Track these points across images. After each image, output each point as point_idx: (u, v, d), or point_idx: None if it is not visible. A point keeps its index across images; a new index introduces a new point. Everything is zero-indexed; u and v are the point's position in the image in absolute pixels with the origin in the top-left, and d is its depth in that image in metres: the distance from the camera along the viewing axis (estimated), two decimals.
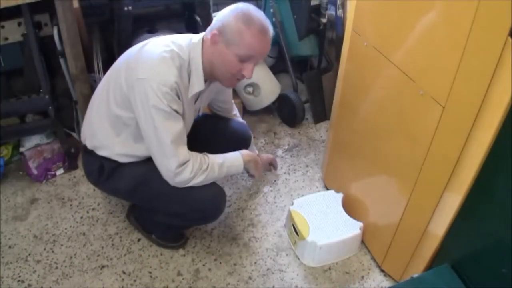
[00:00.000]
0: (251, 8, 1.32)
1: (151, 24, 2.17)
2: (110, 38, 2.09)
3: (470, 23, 1.00)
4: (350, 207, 1.73)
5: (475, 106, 1.06)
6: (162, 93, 1.26)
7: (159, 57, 1.29)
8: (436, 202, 1.27)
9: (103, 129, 1.44)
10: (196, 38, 1.38)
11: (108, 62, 1.99)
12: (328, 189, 1.90)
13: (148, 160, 1.43)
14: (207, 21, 2.00)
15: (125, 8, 1.79)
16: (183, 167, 1.35)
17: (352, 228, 1.65)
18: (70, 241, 1.70)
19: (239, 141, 1.75)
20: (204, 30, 1.41)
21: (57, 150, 1.96)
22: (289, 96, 2.22)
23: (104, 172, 1.47)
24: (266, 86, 2.23)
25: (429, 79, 1.19)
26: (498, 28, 0.95)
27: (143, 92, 1.27)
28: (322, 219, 1.67)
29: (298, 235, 1.65)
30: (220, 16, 1.33)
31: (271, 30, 1.34)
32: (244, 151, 1.56)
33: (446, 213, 1.25)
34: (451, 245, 1.29)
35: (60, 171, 1.97)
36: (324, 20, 2.07)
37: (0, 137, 1.83)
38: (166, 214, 1.53)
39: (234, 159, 1.51)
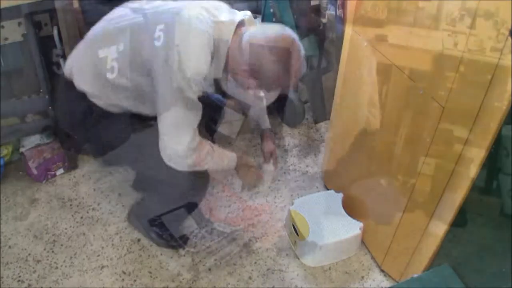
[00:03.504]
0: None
1: None
2: None
3: (470, 23, 1.00)
4: (350, 207, 1.72)
5: (475, 106, 1.06)
6: (195, 82, 1.23)
7: (200, 44, 1.23)
8: (436, 202, 1.27)
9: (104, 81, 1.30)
10: (237, 18, 1.31)
11: None
12: (328, 189, 1.90)
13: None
14: None
15: None
16: (195, 148, 1.28)
17: (352, 228, 1.65)
18: (70, 241, 1.70)
19: None
20: None
21: (57, 150, 1.96)
22: (289, 96, 2.22)
23: (90, 115, 1.32)
24: None
25: (429, 79, 1.19)
26: (498, 28, 0.95)
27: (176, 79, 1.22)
28: (322, 219, 1.67)
29: (298, 235, 1.65)
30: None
31: None
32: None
33: (446, 213, 1.25)
34: (451, 245, 1.29)
35: (60, 171, 1.97)
36: (324, 20, 2.07)
37: (0, 137, 1.83)
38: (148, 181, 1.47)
39: (230, 154, 1.48)
